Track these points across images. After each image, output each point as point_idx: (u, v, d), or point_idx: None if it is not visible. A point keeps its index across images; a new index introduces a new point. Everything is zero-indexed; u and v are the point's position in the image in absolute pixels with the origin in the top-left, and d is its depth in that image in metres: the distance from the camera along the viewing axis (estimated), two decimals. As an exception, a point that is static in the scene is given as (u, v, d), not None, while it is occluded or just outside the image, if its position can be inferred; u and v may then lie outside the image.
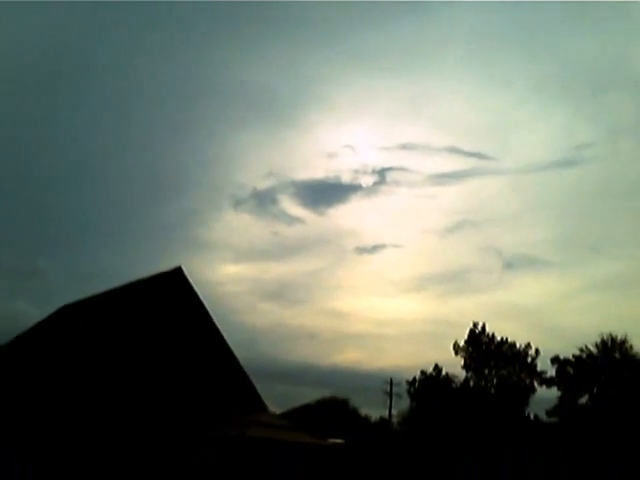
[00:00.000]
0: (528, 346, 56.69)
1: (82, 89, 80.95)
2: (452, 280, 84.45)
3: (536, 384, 55.90)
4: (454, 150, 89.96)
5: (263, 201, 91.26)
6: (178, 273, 26.95)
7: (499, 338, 57.30)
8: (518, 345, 57.00)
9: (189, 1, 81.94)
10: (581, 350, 51.40)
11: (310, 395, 61.19)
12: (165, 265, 27.36)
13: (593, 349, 50.92)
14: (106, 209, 78.86)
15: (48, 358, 24.66)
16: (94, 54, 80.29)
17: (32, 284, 67.75)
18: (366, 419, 58.25)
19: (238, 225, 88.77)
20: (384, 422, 56.80)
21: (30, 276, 67.67)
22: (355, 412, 56.41)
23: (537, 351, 56.46)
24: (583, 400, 51.71)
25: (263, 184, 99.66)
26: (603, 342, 50.33)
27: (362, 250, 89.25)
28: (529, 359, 56.63)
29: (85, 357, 23.59)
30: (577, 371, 52.13)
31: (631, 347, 49.34)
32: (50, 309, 31.70)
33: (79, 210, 75.44)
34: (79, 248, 71.08)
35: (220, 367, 26.56)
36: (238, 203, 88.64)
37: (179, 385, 24.69)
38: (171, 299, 26.30)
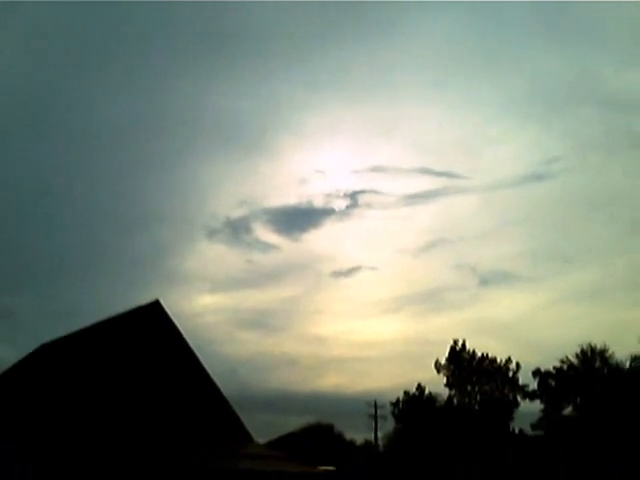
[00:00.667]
0: (509, 361, 57.11)
1: (48, 123, 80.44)
2: (429, 299, 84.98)
3: (519, 398, 56.21)
4: (425, 170, 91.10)
5: (237, 230, 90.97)
6: (156, 306, 26.47)
7: (480, 354, 57.65)
8: (499, 360, 57.41)
9: (153, 31, 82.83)
10: (562, 361, 51.86)
11: (294, 422, 60.53)
12: (141, 298, 26.94)
13: (574, 360, 51.35)
14: (77, 244, 77.66)
15: (29, 398, 24.01)
16: (58, 87, 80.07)
17: (3, 324, 66.20)
18: (352, 443, 57.74)
19: (213, 255, 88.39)
20: (370, 445, 56.37)
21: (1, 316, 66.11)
22: (340, 437, 55.90)
23: (518, 365, 56.92)
24: (567, 411, 51.99)
25: (236, 213, 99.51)
26: (583, 352, 50.81)
27: (338, 274, 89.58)
28: (510, 373, 56.99)
29: (66, 395, 22.98)
30: (559, 383, 52.46)
31: (611, 356, 49.82)
32: (23, 350, 30.86)
33: (49, 247, 74.03)
34: (51, 286, 69.98)
35: (203, 399, 26.00)
36: (212, 233, 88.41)
37: (163, 419, 24.08)
38: (150, 333, 25.75)
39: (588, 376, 49.75)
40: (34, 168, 77.54)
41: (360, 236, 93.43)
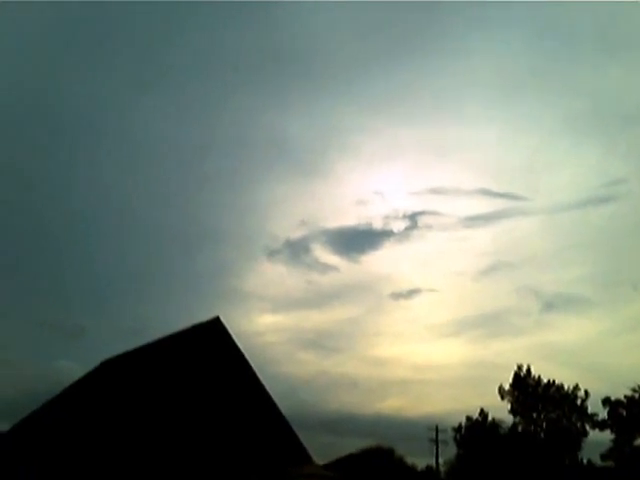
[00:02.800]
0: (577, 388, 54.98)
1: (113, 142, 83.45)
2: (490, 323, 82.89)
3: (588, 427, 53.94)
4: (484, 192, 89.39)
5: (296, 250, 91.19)
6: (216, 323, 26.64)
7: (545, 380, 55.68)
8: (566, 387, 55.29)
9: (212, 58, 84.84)
10: (634, 390, 49.54)
11: (354, 445, 59.71)
12: (204, 316, 27.08)
13: (646, 388, 49.08)
14: (143, 264, 79.88)
15: (89, 413, 24.46)
16: (121, 107, 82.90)
17: (75, 343, 68.35)
18: (412, 468, 56.57)
19: (273, 275, 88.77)
20: (431, 471, 55.10)
21: (73, 335, 68.44)
22: (401, 461, 54.81)
23: (587, 393, 54.69)
24: (639, 442, 49.65)
25: (296, 234, 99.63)
26: (656, 380, 48.51)
27: (398, 295, 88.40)
28: (579, 401, 54.79)
29: (126, 411, 23.26)
30: (630, 412, 50.17)
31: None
32: (91, 366, 31.63)
33: (117, 266, 76.67)
34: (119, 304, 71.95)
35: (263, 418, 25.93)
36: (272, 253, 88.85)
37: (222, 437, 24.12)
38: (210, 349, 25.92)
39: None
40: (101, 188, 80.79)
41: (419, 258, 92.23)
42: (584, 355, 69.47)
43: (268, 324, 79.28)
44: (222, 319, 26.83)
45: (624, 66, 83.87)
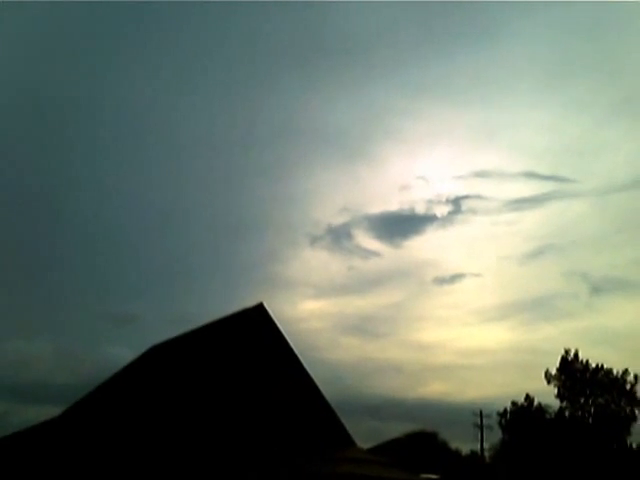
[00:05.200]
0: (626, 372, 54.08)
1: (157, 135, 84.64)
2: (537, 307, 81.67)
3: (637, 412, 53.04)
4: (531, 175, 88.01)
5: (339, 237, 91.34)
6: (260, 309, 26.96)
7: (594, 365, 54.87)
8: (615, 372, 54.42)
9: (253, 43, 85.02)
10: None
11: (398, 429, 60.04)
12: (248, 303, 27.41)
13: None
14: (190, 255, 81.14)
15: (138, 397, 25.02)
16: (162, 98, 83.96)
17: (127, 329, 70.10)
18: (457, 453, 56.52)
19: (315, 261, 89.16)
20: (475, 456, 54.96)
21: (125, 322, 70.21)
22: (445, 446, 54.81)
23: (636, 377, 53.71)
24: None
25: (338, 220, 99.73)
26: None
27: (441, 280, 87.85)
28: (628, 386, 53.87)
29: (173, 395, 23.78)
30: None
31: None
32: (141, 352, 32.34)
33: (167, 256, 78.21)
34: (170, 292, 73.43)
35: (306, 403, 26.21)
36: (314, 240, 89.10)
37: (266, 422, 24.49)
38: (254, 335, 26.27)
39: None
40: (149, 181, 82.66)
41: (463, 242, 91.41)
42: (634, 339, 67.85)
43: (311, 310, 79.81)
44: (265, 305, 27.19)
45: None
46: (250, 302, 27.29)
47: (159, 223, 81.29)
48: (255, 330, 26.32)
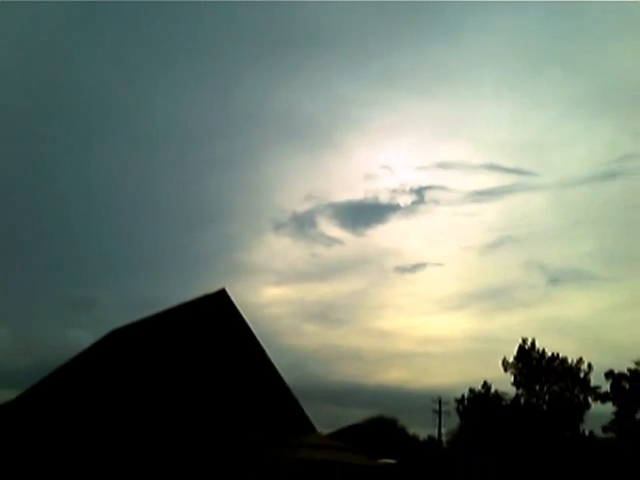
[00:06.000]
0: (580, 361, 55.29)
1: (118, 123, 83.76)
2: (496, 297, 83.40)
3: (590, 400, 54.35)
4: (493, 167, 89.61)
5: (302, 224, 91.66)
6: (222, 295, 26.89)
7: (550, 354, 56.00)
8: (570, 360, 55.61)
9: (221, 30, 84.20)
10: (637, 363, 49.83)
11: (358, 415, 60.73)
12: (210, 289, 27.31)
13: (651, 362, 49.34)
14: (153, 240, 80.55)
15: (97, 381, 24.83)
16: (127, 87, 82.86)
17: (85, 313, 69.39)
18: (414, 438, 57.30)
19: (279, 248, 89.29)
20: (433, 441, 55.80)
21: (83, 306, 69.51)
22: (404, 431, 55.55)
23: (590, 366, 55.00)
24: (640, 415, 50.07)
25: (302, 207, 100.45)
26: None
27: (403, 269, 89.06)
28: (582, 374, 55.13)
29: (133, 379, 23.63)
30: (633, 385, 50.53)
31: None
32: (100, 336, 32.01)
33: (127, 241, 77.58)
34: (128, 277, 72.92)
35: (267, 388, 26.32)
36: (278, 226, 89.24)
37: (227, 407, 24.54)
38: (216, 321, 26.24)
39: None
40: (113, 167, 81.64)
41: (426, 232, 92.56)
42: (589, 329, 69.88)
43: (274, 296, 79.94)
44: (228, 291, 27.12)
45: (636, 46, 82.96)
46: (213, 288, 27.27)
47: (122, 208, 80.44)
48: (217, 316, 26.29)
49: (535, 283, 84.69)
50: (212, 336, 25.64)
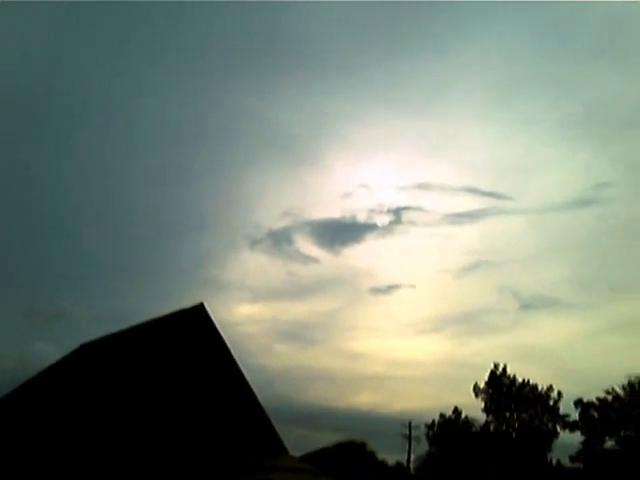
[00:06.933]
0: (550, 389, 55.60)
1: (93, 129, 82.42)
2: (469, 321, 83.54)
3: (559, 428, 54.58)
4: (471, 190, 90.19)
5: (279, 241, 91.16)
6: (200, 310, 26.24)
7: (520, 380, 56.16)
8: (540, 387, 55.85)
9: (203, 40, 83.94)
10: (607, 392, 50.15)
11: (327, 438, 59.85)
12: (184, 304, 26.59)
13: (620, 391, 49.63)
14: (125, 252, 79.16)
15: (64, 397, 23.97)
16: (102, 94, 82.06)
17: (53, 326, 67.59)
18: (383, 463, 56.71)
19: (254, 265, 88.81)
20: (401, 467, 55.30)
21: (52, 318, 67.67)
22: (373, 456, 54.92)
23: (559, 394, 55.37)
24: (609, 444, 50.27)
25: (279, 224, 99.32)
26: (630, 384, 49.05)
27: (377, 290, 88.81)
28: (551, 402, 55.40)
29: (102, 395, 22.81)
30: (602, 414, 50.79)
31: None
32: (69, 349, 31.02)
33: (99, 253, 75.74)
34: (100, 290, 71.12)
35: (242, 408, 25.65)
36: (254, 243, 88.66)
37: (200, 426, 23.79)
38: (193, 335, 25.53)
39: (635, 408, 48.02)
40: (86, 176, 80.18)
41: (401, 253, 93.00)
42: (559, 356, 70.17)
43: (247, 314, 79.11)
44: (206, 305, 26.47)
45: (620, 72, 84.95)
46: (185, 303, 26.53)
47: (94, 218, 78.90)
48: (194, 330, 25.58)
49: (508, 308, 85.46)
50: (188, 352, 24.89)
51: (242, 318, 76.64)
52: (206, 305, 26.21)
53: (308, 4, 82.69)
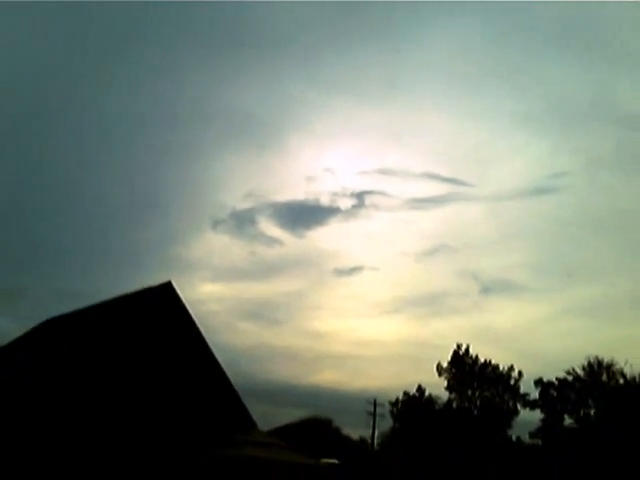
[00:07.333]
0: (511, 368, 56.71)
1: (60, 117, 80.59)
2: (430, 303, 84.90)
3: (519, 406, 55.85)
4: (432, 176, 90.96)
5: (242, 222, 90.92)
6: (168, 287, 26.08)
7: (482, 360, 57.18)
8: (501, 367, 56.94)
9: (168, 26, 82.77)
10: (568, 372, 51.46)
11: (291, 415, 60.41)
12: (146, 283, 26.39)
13: (580, 372, 50.96)
14: (87, 229, 78.18)
15: (29, 373, 23.70)
16: (69, 81, 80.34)
17: (13, 302, 66.32)
18: (348, 439, 57.43)
19: (217, 245, 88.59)
20: (364, 442, 56.06)
21: (11, 294, 66.37)
22: (338, 432, 55.58)
23: (520, 373, 56.53)
24: (567, 423, 51.68)
25: (242, 205, 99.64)
26: (590, 364, 50.39)
27: (340, 272, 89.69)
28: (512, 381, 56.52)
29: (70, 372, 22.58)
30: (560, 393, 52.12)
31: (621, 371, 49.12)
32: (31, 325, 30.61)
33: (62, 231, 74.37)
34: (61, 267, 70.46)
35: (211, 384, 25.71)
36: (217, 223, 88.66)
37: (170, 403, 23.79)
38: (161, 313, 25.42)
39: (594, 388, 49.39)
40: (51, 155, 78.28)
41: (364, 236, 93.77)
42: (518, 338, 71.87)
43: (210, 293, 78.90)
44: (173, 283, 26.34)
45: (578, 66, 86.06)
46: (149, 281, 26.47)
47: (57, 195, 77.70)
48: (162, 308, 25.48)
49: (468, 291, 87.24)
50: (157, 329, 24.84)
51: (205, 296, 76.46)
52: (174, 283, 26.11)
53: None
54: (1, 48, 71.97)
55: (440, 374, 57.20)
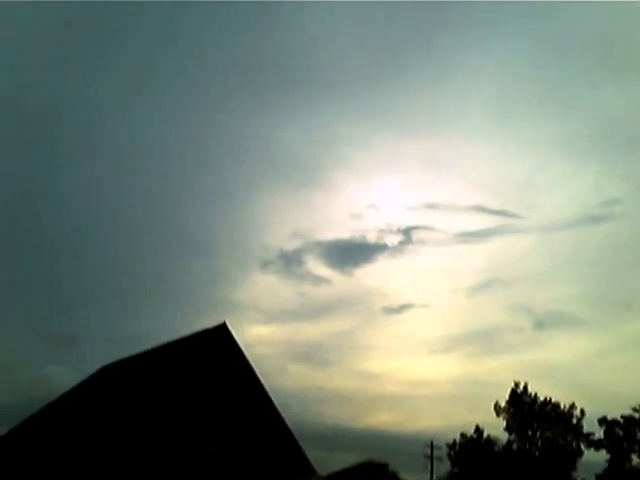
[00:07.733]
0: (573, 407, 54.44)
1: (121, 149, 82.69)
2: (482, 340, 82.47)
3: (583, 446, 53.44)
4: (480, 208, 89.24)
5: (289, 262, 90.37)
6: (223, 329, 26.05)
7: (542, 398, 55.24)
8: (562, 405, 54.83)
9: (209, 63, 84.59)
10: (634, 409, 49.26)
11: (345, 459, 58.67)
12: (197, 326, 26.44)
13: (646, 408, 48.83)
14: (138, 276, 78.98)
15: (89, 418, 23.74)
16: (127, 118, 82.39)
17: (67, 350, 67.32)
18: (407, 483, 55.85)
19: (265, 286, 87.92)
20: (424, 487, 54.44)
21: (65, 342, 67.49)
22: (395, 476, 54.06)
23: (582, 412, 54.17)
24: (635, 462, 49.35)
25: (289, 245, 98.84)
26: (657, 401, 48.28)
27: (390, 310, 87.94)
28: (574, 420, 54.32)
29: (128, 417, 22.56)
30: (627, 432, 49.90)
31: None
32: (85, 373, 30.86)
33: (114, 278, 75.60)
34: (114, 314, 70.78)
35: (268, 427, 25.33)
36: (265, 264, 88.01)
37: (227, 446, 23.48)
38: (217, 355, 25.35)
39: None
40: (99, 200, 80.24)
41: (412, 273, 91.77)
42: (575, 374, 69.06)
43: (260, 335, 78.27)
44: (228, 324, 26.27)
45: (626, 88, 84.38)
46: (199, 324, 26.47)
47: (107, 243, 78.86)
48: (218, 350, 25.39)
49: (521, 326, 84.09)
50: (213, 371, 24.74)
51: (255, 339, 75.79)
52: (228, 324, 26.01)
53: (313, 26, 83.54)
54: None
55: (498, 414, 55.33)
